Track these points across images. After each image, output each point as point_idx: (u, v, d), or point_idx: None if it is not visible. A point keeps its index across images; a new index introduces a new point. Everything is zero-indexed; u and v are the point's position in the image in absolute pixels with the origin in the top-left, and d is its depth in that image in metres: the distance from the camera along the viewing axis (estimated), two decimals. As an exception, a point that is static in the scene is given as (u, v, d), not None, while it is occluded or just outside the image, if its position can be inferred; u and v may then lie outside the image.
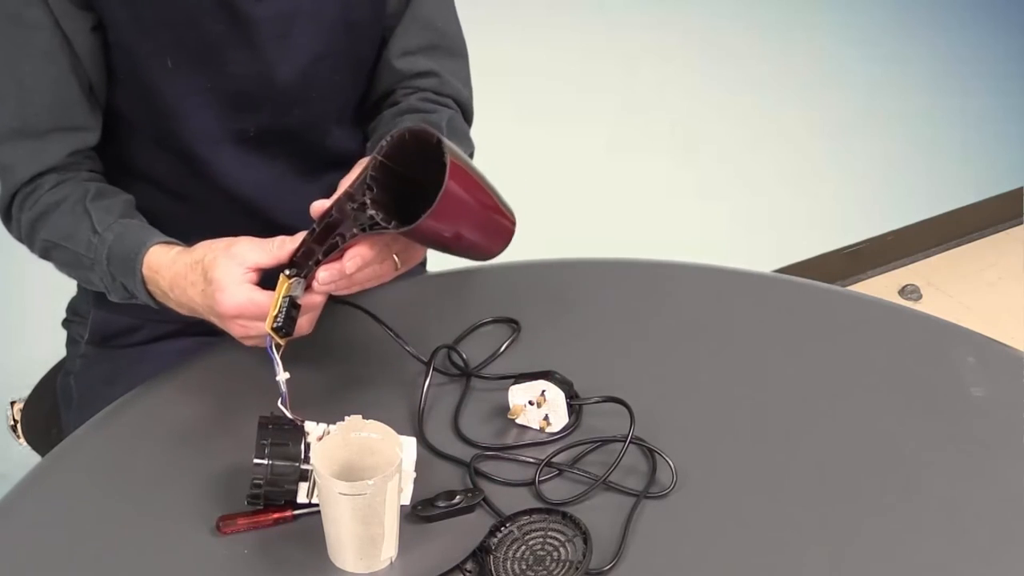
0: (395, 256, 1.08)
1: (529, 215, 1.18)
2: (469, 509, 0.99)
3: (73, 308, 1.39)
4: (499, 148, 1.36)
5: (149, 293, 1.12)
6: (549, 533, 0.95)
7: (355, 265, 1.03)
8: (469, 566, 0.93)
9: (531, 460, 1.05)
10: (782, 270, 2.73)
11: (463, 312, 1.22)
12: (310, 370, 1.12)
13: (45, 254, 1.20)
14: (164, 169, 1.24)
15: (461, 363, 1.16)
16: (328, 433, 0.99)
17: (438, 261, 1.15)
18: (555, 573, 0.92)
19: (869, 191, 2.85)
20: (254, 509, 0.97)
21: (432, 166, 1.01)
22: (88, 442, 1.10)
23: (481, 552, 0.93)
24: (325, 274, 1.04)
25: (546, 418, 1.08)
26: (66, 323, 1.40)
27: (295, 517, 0.97)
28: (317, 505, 0.96)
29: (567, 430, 1.08)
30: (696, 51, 2.44)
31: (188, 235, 1.26)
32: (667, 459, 1.03)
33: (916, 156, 2.88)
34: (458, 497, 0.99)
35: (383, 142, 1.03)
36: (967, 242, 3.07)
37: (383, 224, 1.01)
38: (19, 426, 1.47)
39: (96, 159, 1.23)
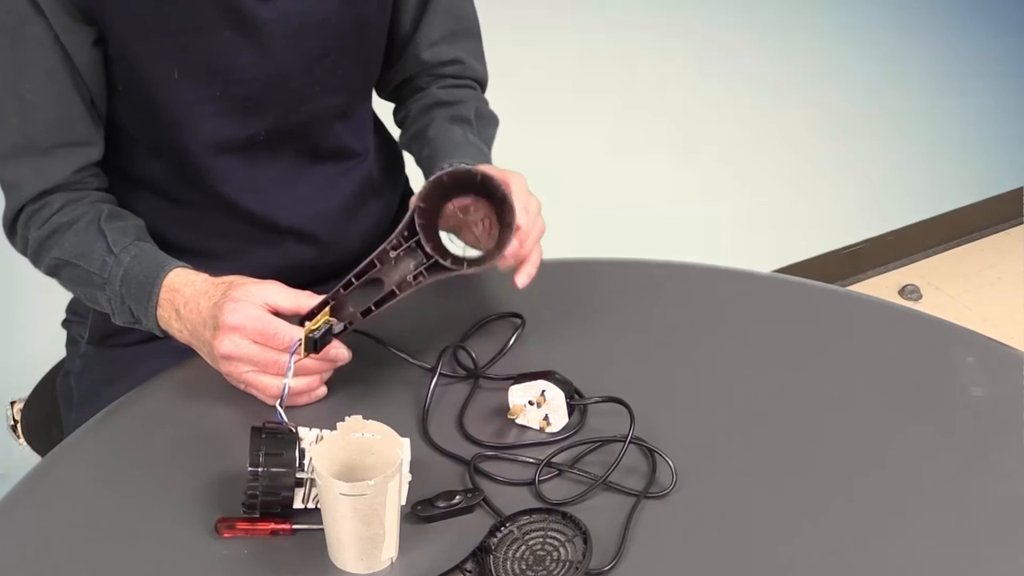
0: None
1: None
2: (469, 509, 0.99)
3: (72, 308, 1.39)
4: (499, 148, 1.36)
5: (157, 318, 1.13)
6: (549, 533, 0.95)
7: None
8: (469, 566, 0.93)
9: (531, 460, 1.05)
10: (782, 270, 2.73)
11: (463, 312, 1.22)
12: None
13: (53, 272, 1.20)
14: (162, 176, 1.24)
15: (470, 362, 1.16)
16: (321, 438, 0.99)
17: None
18: (555, 573, 0.92)
19: (869, 191, 2.85)
20: (251, 516, 0.97)
21: (468, 196, 1.08)
22: (88, 442, 1.10)
23: (481, 552, 0.93)
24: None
25: (546, 418, 1.08)
26: (66, 323, 1.40)
27: (293, 531, 0.97)
28: (317, 518, 0.96)
29: (567, 430, 1.08)
30: (696, 51, 2.45)
31: (186, 238, 1.26)
32: (667, 459, 1.03)
33: (916, 156, 2.89)
34: (458, 497, 0.99)
35: (422, 189, 1.07)
36: (967, 242, 3.07)
37: (451, 267, 1.06)
38: (19, 426, 1.47)
39: (102, 176, 1.23)
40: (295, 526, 0.97)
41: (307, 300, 1.08)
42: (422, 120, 1.34)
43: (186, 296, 1.11)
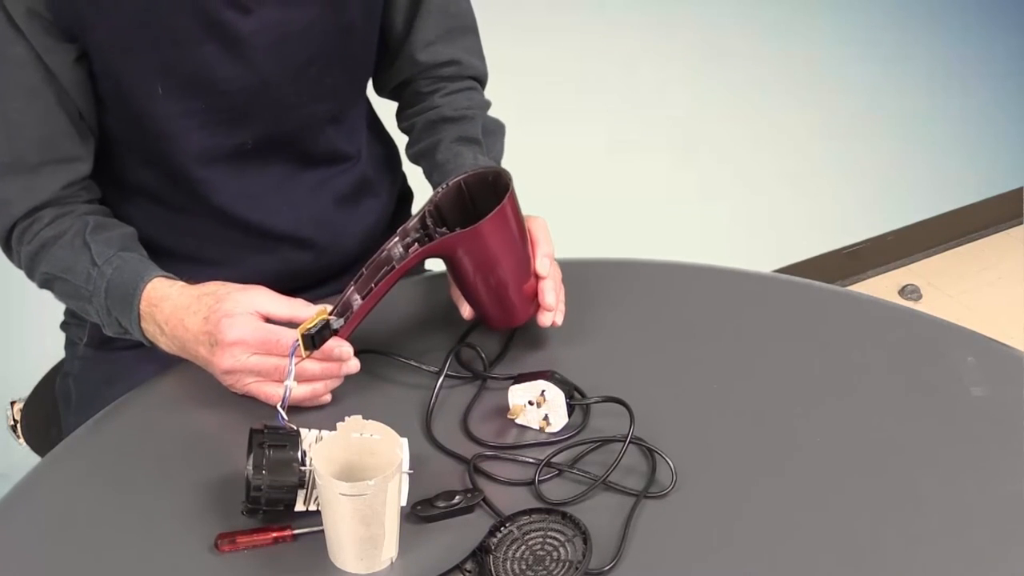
0: None
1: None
2: (469, 509, 0.99)
3: (71, 311, 1.39)
4: (499, 148, 1.36)
5: (142, 330, 1.13)
6: (549, 533, 0.95)
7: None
8: (469, 566, 0.93)
9: (531, 460, 1.05)
10: (782, 270, 2.73)
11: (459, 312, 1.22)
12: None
13: (45, 285, 1.21)
14: (157, 185, 1.24)
15: (477, 362, 1.16)
16: (321, 439, 0.99)
17: (437, 263, 1.15)
18: (555, 573, 0.92)
19: (869, 191, 2.85)
20: (253, 528, 0.96)
21: (481, 204, 1.10)
22: (87, 443, 1.10)
23: (481, 552, 0.93)
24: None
25: (546, 418, 1.08)
26: (64, 325, 1.40)
27: (295, 537, 0.97)
28: (317, 521, 0.96)
29: (567, 430, 1.08)
30: (696, 51, 2.45)
31: (183, 245, 1.26)
32: (667, 459, 1.03)
33: (916, 156, 2.89)
34: (458, 497, 0.99)
35: (439, 189, 1.11)
36: (967, 242, 3.07)
37: (446, 231, 1.08)
38: (19, 426, 1.47)
39: (93, 188, 1.23)
40: (296, 531, 0.97)
41: (303, 309, 1.08)
42: (428, 137, 1.33)
43: (166, 312, 1.11)
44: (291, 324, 1.07)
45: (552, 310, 1.15)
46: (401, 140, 1.42)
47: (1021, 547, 0.97)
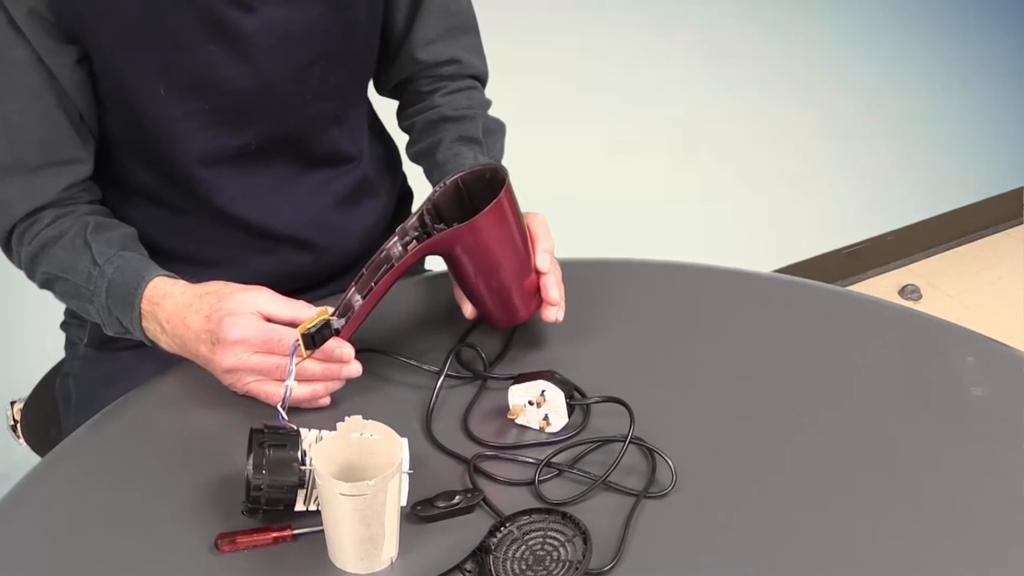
0: None
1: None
2: (469, 509, 0.99)
3: (71, 311, 1.39)
4: (500, 148, 1.36)
5: (143, 329, 1.13)
6: (549, 533, 0.95)
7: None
8: (469, 566, 0.93)
9: (531, 460, 1.05)
10: (782, 270, 2.73)
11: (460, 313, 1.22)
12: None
13: (46, 285, 1.21)
14: (157, 186, 1.24)
15: (478, 361, 1.16)
16: (321, 439, 0.99)
17: (437, 263, 1.15)
18: (555, 573, 0.92)
19: (869, 191, 2.85)
20: (253, 528, 0.97)
21: (479, 202, 1.10)
22: (87, 443, 1.10)
23: (481, 552, 0.93)
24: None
25: (546, 418, 1.08)
26: (64, 325, 1.40)
27: (295, 537, 0.97)
28: (317, 521, 0.96)
29: (567, 430, 1.08)
30: (696, 51, 2.45)
31: (183, 246, 1.26)
32: (667, 459, 1.03)
33: (916, 156, 2.89)
34: (457, 497, 0.99)
35: (437, 188, 1.11)
36: (967, 242, 3.07)
37: (443, 227, 1.09)
38: (19, 426, 1.47)
39: (94, 189, 1.23)
40: (296, 531, 0.97)
41: (305, 310, 1.08)
42: (429, 137, 1.33)
43: (168, 311, 1.10)
44: (293, 325, 1.07)
45: (556, 304, 1.15)
46: (401, 140, 1.42)
47: (1021, 547, 0.97)
